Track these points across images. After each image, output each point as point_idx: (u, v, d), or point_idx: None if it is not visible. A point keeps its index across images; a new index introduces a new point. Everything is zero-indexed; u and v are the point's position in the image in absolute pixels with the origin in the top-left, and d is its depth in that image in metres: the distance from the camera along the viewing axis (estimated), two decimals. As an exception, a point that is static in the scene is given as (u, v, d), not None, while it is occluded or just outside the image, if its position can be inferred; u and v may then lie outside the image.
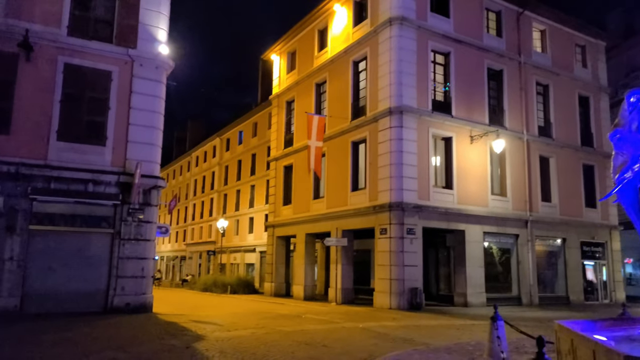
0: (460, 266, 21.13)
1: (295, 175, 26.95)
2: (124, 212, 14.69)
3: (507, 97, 23.83)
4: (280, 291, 27.62)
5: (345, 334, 11.41)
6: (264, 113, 40.65)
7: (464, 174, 21.59)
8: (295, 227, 26.21)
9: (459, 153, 21.55)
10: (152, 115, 15.45)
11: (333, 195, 23.43)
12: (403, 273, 18.99)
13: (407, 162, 19.84)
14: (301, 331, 11.57)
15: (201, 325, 12.18)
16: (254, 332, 11.12)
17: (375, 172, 20.64)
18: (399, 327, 12.91)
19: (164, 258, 62.94)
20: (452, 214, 20.77)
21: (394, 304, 18.80)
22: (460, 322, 14.58)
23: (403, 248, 19.16)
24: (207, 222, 50.33)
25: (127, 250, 14.54)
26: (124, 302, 14.29)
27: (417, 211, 19.73)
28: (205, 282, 33.25)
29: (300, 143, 26.58)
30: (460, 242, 21.29)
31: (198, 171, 55.10)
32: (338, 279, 22.04)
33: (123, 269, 14.41)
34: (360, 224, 21.28)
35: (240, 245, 42.55)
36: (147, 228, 14.95)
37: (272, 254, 28.16)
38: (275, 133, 29.65)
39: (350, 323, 13.57)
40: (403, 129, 19.94)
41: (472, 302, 20.57)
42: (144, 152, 15.15)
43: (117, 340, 9.56)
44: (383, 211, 19.79)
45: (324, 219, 23.68)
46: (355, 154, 22.65)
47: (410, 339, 10.63)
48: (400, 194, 19.52)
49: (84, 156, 14.45)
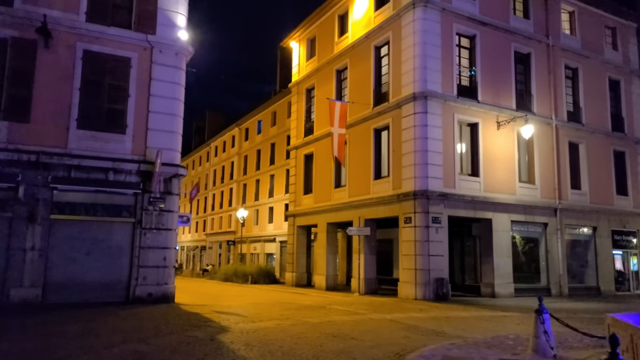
0: (487, 256, 20.52)
1: (316, 163, 26.52)
2: (145, 201, 14.47)
3: (535, 81, 22.97)
4: (301, 281, 27.36)
5: (373, 325, 11.01)
6: (283, 102, 40.25)
7: (491, 161, 20.90)
8: (316, 216, 25.85)
9: (485, 139, 20.86)
10: (172, 102, 15.15)
11: (355, 183, 22.96)
12: (428, 263, 18.49)
13: (432, 149, 19.25)
14: (328, 323, 11.20)
15: (224, 316, 11.91)
16: (279, 324, 10.79)
17: (399, 159, 20.09)
18: (427, 318, 12.46)
19: (184, 248, 63.36)
20: (479, 202, 20.14)
21: (419, 294, 18.34)
22: (490, 313, 14.06)
23: (428, 237, 18.65)
24: (226, 212, 50.34)
25: (148, 239, 14.33)
26: (146, 292, 14.11)
27: (442, 199, 19.16)
28: (226, 272, 33.19)
29: (320, 131, 26.12)
30: (487, 231, 20.66)
31: (217, 161, 55.08)
32: (361, 269, 21.64)
33: (144, 258, 14.21)
34: (384, 213, 20.80)
35: (260, 235, 42.43)
36: (168, 217, 14.71)
37: (293, 243, 27.87)
38: (295, 121, 29.22)
39: (377, 314, 13.17)
40: (428, 114, 19.32)
41: (499, 293, 19.99)
42: (165, 140, 14.88)
43: (140, 332, 9.32)
44: (407, 199, 19.27)
45: (346, 208, 23.25)
46: (377, 142, 22.11)
47: (442, 331, 10.18)
48: (425, 182, 18.96)
49: (104, 144, 14.24)
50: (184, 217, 16.63)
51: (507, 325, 11.49)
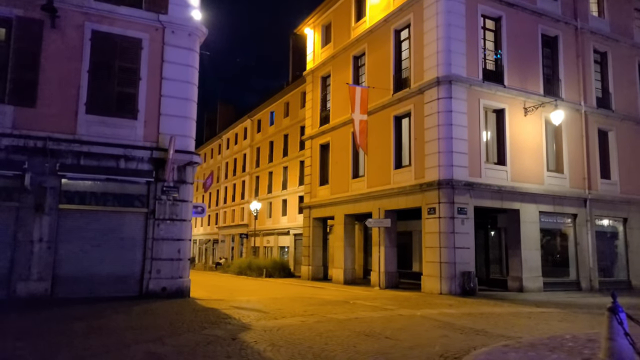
0: (515, 248, 19.54)
1: (332, 153, 25.64)
2: (158, 190, 13.71)
3: (563, 66, 21.83)
4: (317, 275, 26.57)
5: (405, 322, 10.16)
6: (296, 92, 39.37)
7: (518, 149, 19.87)
8: (333, 208, 25.00)
9: (512, 126, 19.82)
10: (185, 86, 14.34)
11: (374, 173, 22.05)
12: (454, 256, 17.58)
13: (457, 136, 18.27)
14: (356, 319, 10.37)
15: (244, 312, 11.13)
16: (303, 321, 9.98)
17: (422, 147, 19.14)
18: (461, 315, 11.58)
19: (197, 241, 62.90)
20: (506, 192, 19.15)
21: (444, 288, 17.44)
22: (526, 309, 13.13)
23: (454, 229, 17.72)
24: (239, 204, 49.69)
25: (162, 231, 13.58)
26: (159, 287, 13.38)
27: (468, 189, 18.20)
28: (240, 266, 32.50)
29: (337, 120, 25.22)
30: (514, 222, 19.67)
31: (229, 154, 54.38)
32: (381, 263, 20.77)
33: (158, 250, 13.47)
34: (405, 204, 19.89)
35: (273, 228, 41.70)
36: (182, 207, 13.94)
37: (308, 236, 27.07)
38: (310, 110, 28.32)
39: (405, 310, 12.31)
40: (452, 100, 18.33)
41: (528, 287, 19.02)
42: (178, 125, 14.08)
43: (155, 330, 8.55)
44: (431, 189, 18.34)
45: (365, 199, 22.37)
46: (397, 129, 21.16)
47: (482, 329, 9.30)
48: (449, 171, 18.01)
49: (115, 130, 13.48)
50: (199, 207, 15.85)
51: (550, 322, 10.58)
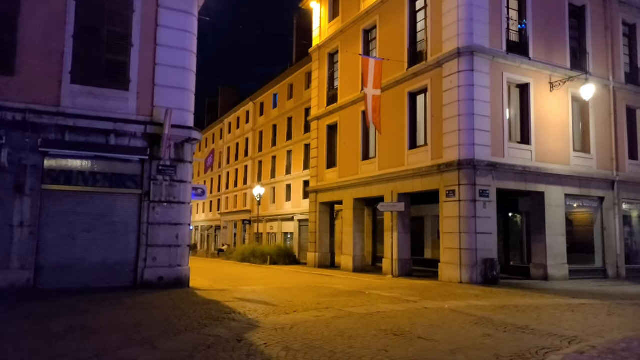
0: (538, 234, 18.19)
1: (341, 134, 24.21)
2: (153, 169, 12.35)
3: (591, 38, 20.28)
4: (324, 262, 25.31)
5: (434, 317, 8.84)
6: (301, 73, 37.81)
7: (543, 127, 18.42)
8: (341, 192, 23.64)
9: (537, 102, 18.35)
10: (182, 54, 12.89)
11: (386, 155, 20.65)
12: (475, 242, 16.24)
13: (479, 113, 16.82)
14: (377, 314, 9.06)
15: (250, 306, 9.83)
16: (318, 316, 8.67)
17: (440, 125, 17.71)
18: (494, 308, 10.27)
19: (199, 228, 61.77)
20: (530, 173, 17.74)
21: (464, 277, 16.14)
22: (562, 300, 11.80)
23: (475, 213, 16.36)
24: (241, 190, 48.39)
25: (158, 214, 12.25)
26: (156, 276, 12.08)
27: (490, 170, 16.81)
28: (243, 252, 31.26)
29: (345, 99, 23.75)
30: (538, 206, 18.29)
31: (231, 138, 52.95)
32: (394, 249, 19.46)
33: (154, 236, 12.16)
34: (421, 187, 18.51)
35: (277, 213, 40.43)
36: (180, 188, 12.59)
37: (315, 222, 25.76)
38: (317, 89, 26.81)
39: (430, 302, 11.00)
40: (474, 73, 16.84)
41: (552, 275, 17.72)
42: (175, 98, 12.66)
43: (146, 328, 7.25)
44: (450, 170, 16.95)
45: (376, 182, 20.99)
46: (412, 107, 19.70)
47: (526, 326, 7.99)
48: (471, 150, 16.60)
49: (104, 102, 12.07)
50: (199, 189, 14.50)
51: (599, 317, 9.26)
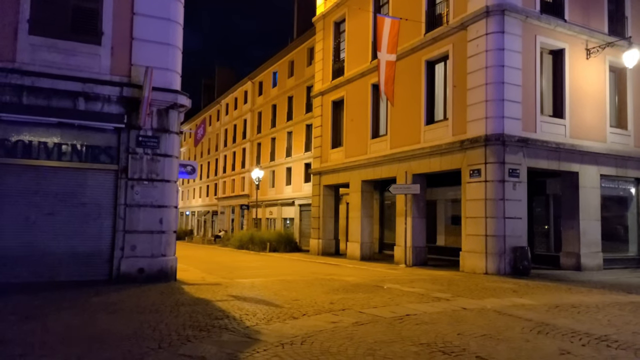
0: (570, 219, 16.26)
1: (347, 110, 22.14)
2: (132, 140, 10.34)
3: (630, 1, 18.13)
4: (328, 249, 23.41)
5: (481, 323, 6.91)
6: (302, 48, 35.56)
7: (578, 98, 16.39)
8: (347, 173, 21.66)
9: (572, 71, 16.30)
10: (166, 1, 10.77)
11: (399, 131, 18.62)
12: (504, 228, 14.32)
13: (509, 81, 14.77)
14: (408, 318, 7.12)
15: (247, 307, 7.88)
16: (335, 322, 6.73)
17: (463, 96, 15.67)
18: (547, 308, 8.34)
19: (195, 213, 59.86)
20: (564, 150, 15.77)
21: (491, 267, 14.25)
22: (623, 297, 9.87)
23: (504, 195, 14.41)
24: (239, 174, 46.36)
25: (137, 194, 10.26)
26: (135, 267, 10.14)
27: (521, 146, 14.82)
28: (241, 239, 29.30)
29: (353, 71, 21.65)
30: (570, 188, 16.34)
31: (228, 120, 50.75)
32: (408, 236, 17.54)
33: (133, 220, 10.19)
34: (439, 166, 16.53)
35: (276, 198, 38.47)
36: (164, 164, 10.59)
37: (318, 206, 23.81)
38: (321, 63, 24.65)
39: (464, 300, 9.08)
40: (505, 35, 14.76)
41: (586, 265, 15.84)
42: (157, 55, 10.59)
43: (103, 346, 5.29)
44: (475, 147, 14.96)
45: (387, 161, 19.00)
46: (430, 77, 17.62)
47: (605, 336, 6.09)
48: (500, 124, 14.59)
49: (71, 58, 10.00)
50: (188, 166, 12.47)
51: (688, 322, 7.34)
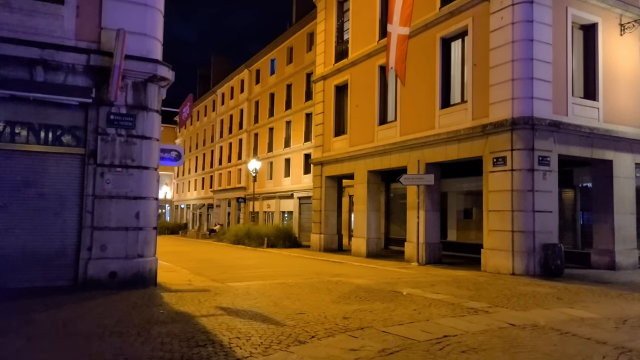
0: (604, 213, 14.63)
1: (352, 95, 20.40)
2: (102, 119, 8.61)
3: (665, -28, 16.45)
4: (331, 245, 21.77)
5: (548, 349, 5.24)
6: (302, 34, 33.77)
7: (611, 79, 14.72)
8: (352, 163, 19.96)
9: (605, 49, 14.61)
10: (143, -48, 9.01)
11: (410, 117, 16.92)
12: (533, 223, 12.67)
13: (538, 57, 13.07)
14: (449, 343, 5.44)
15: (240, 325, 6.18)
16: (357, 351, 5.02)
17: (484, 76, 13.96)
18: (612, 322, 6.69)
19: (190, 206, 58.12)
20: (597, 136, 14.11)
21: (518, 267, 12.62)
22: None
23: (533, 185, 12.75)
24: (235, 166, 44.61)
25: (109, 184, 8.54)
26: (106, 271, 8.44)
27: (552, 131, 13.15)
28: (237, 234, 27.55)
29: (358, 52, 19.91)
30: (603, 178, 14.70)
31: (224, 110, 48.89)
32: (421, 231, 15.89)
33: (103, 215, 8.48)
34: (457, 154, 14.85)
35: (274, 190, 36.78)
36: (142, 148, 8.86)
37: (320, 198, 22.13)
38: (323, 45, 22.87)
39: (506, 311, 7.42)
40: (534, 5, 13.04)
41: (620, 263, 14.24)
42: (132, 17, 8.83)
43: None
44: (500, 132, 13.27)
45: (396, 149, 17.31)
46: (445, 56, 15.89)
47: None
48: (528, 105, 12.90)
49: (26, 19, 8.23)
50: (173, 151, 10.68)
51: None
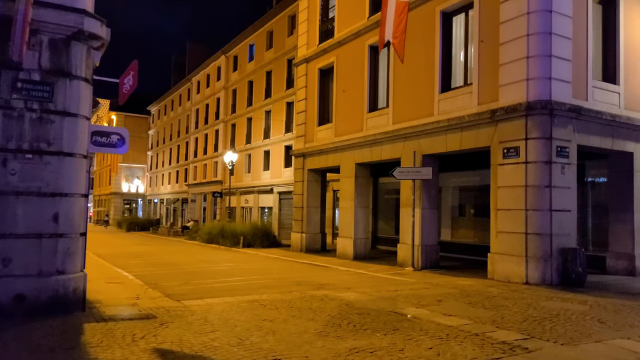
0: (622, 212, 12.92)
1: (338, 79, 18.35)
2: (4, 87, 6.39)
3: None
4: (313, 245, 19.76)
5: None
6: (282, 17, 31.57)
7: (632, 61, 12.98)
8: (338, 155, 17.95)
9: (626, 27, 12.85)
10: None
11: (405, 102, 14.96)
12: (550, 223, 10.85)
13: (557, 32, 11.21)
14: None
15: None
16: None
17: (493, 54, 12.04)
18: None
19: (164, 201, 55.42)
20: (618, 124, 12.37)
21: (533, 275, 10.79)
22: None
23: (550, 180, 10.92)
24: (211, 158, 42.21)
25: (14, 175, 6.34)
26: (9, 293, 6.23)
27: (571, 118, 11.34)
28: (210, 231, 25.21)
29: (345, 31, 17.87)
30: (621, 172, 13.01)
31: (200, 99, 46.31)
32: (416, 232, 13.98)
33: (6, 217, 6.28)
34: (459, 144, 12.94)
35: (253, 185, 34.59)
36: (63, 127, 6.66)
37: (301, 194, 20.08)
38: (306, 24, 20.72)
39: (554, 349, 5.50)
40: (553, -31, 11.18)
41: (641, 269, 12.60)
42: (52, -50, 6.61)
43: None
44: (512, 118, 11.39)
45: (389, 139, 15.36)
46: (446, 32, 13.95)
47: None
48: (546, 87, 11.04)
49: None
50: (113, 134, 8.19)
51: None
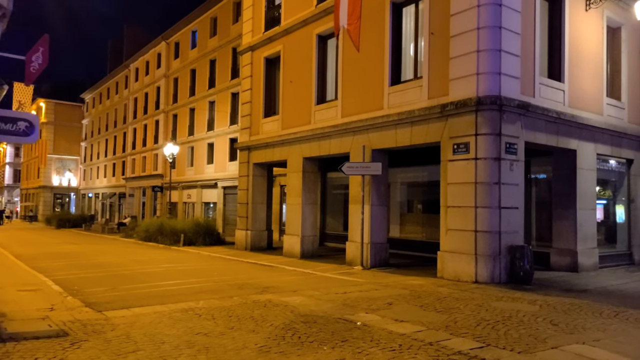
0: (565, 208, 13.17)
1: (285, 69, 17.69)
2: None
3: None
4: (259, 243, 19.08)
5: None
6: (227, 3, 30.51)
7: (576, 59, 13.21)
8: (284, 148, 17.34)
9: (571, 25, 13.04)
10: None
11: (354, 95, 14.55)
12: (499, 221, 10.81)
13: (507, 26, 11.15)
14: None
15: None
16: None
17: (443, 47, 11.84)
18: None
19: (99, 195, 52.55)
20: (563, 122, 12.55)
21: (482, 273, 10.72)
22: None
23: (499, 177, 10.86)
24: (151, 150, 40.29)
25: None
26: None
27: (520, 114, 11.34)
28: (148, 229, 23.80)
29: (292, 18, 17.22)
30: (565, 169, 13.24)
31: (138, 87, 44.04)
32: (365, 229, 13.65)
33: None
34: (409, 139, 12.69)
35: (196, 179, 33.30)
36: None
37: (246, 189, 19.31)
38: (251, 9, 19.85)
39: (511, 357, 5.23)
40: (504, -37, 11.07)
41: (583, 264, 12.90)
42: None
43: None
44: (462, 113, 11.23)
45: (338, 133, 14.92)
46: (396, 24, 13.64)
47: None
48: (496, 82, 10.95)
49: None
50: (20, 120, 6.62)
51: None
